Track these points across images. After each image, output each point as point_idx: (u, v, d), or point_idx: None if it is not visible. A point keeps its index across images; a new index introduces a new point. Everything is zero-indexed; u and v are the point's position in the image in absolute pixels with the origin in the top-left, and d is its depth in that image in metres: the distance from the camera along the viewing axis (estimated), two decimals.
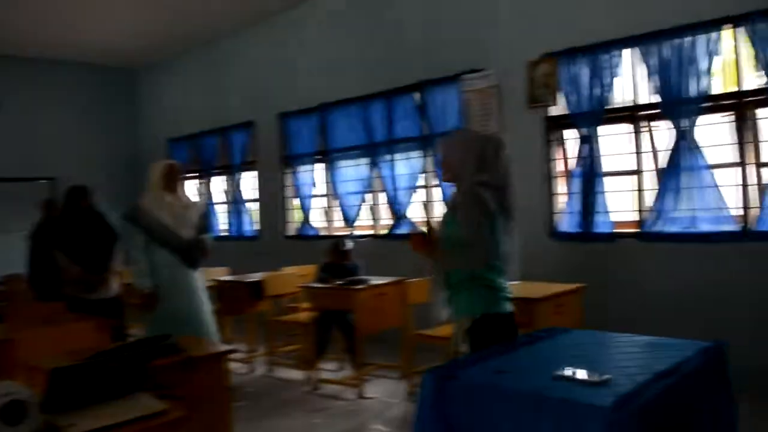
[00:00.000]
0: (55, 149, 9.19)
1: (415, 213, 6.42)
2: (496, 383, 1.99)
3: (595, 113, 4.99)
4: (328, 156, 7.12)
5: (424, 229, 2.85)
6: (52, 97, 9.30)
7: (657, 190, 4.76)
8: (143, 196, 4.45)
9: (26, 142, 8.93)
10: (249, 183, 8.35)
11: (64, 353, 2.83)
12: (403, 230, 6.37)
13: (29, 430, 1.73)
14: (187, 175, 8.53)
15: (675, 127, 4.61)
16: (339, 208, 7.09)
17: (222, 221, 8.76)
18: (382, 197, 6.68)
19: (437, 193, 6.17)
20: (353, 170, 6.94)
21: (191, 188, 8.98)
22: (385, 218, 6.74)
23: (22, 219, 7.17)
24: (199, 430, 2.12)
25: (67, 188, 5.04)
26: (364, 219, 6.94)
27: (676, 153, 4.60)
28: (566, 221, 5.23)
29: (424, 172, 6.25)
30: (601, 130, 5.05)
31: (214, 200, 8.85)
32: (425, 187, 6.31)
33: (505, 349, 2.41)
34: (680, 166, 4.59)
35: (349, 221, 6.94)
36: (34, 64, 9.12)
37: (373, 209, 6.86)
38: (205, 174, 8.91)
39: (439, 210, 6.20)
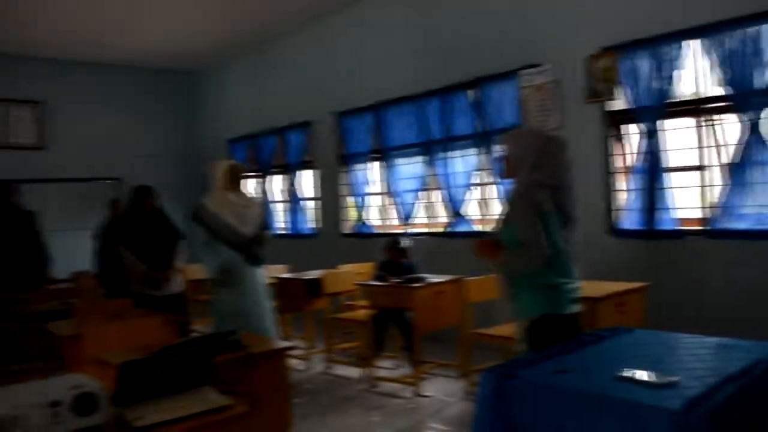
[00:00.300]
0: (120, 150, 9.52)
1: (472, 210, 6.38)
2: (558, 383, 1.96)
3: (657, 107, 4.85)
4: (385, 154, 7.14)
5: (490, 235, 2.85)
6: (118, 100, 9.63)
7: (724, 186, 4.59)
8: (206, 195, 4.60)
9: (93, 143, 9.28)
10: (306, 181, 8.46)
11: (132, 348, 2.93)
12: (460, 228, 6.34)
13: (99, 421, 1.78)
14: (247, 174, 8.70)
15: (743, 120, 4.43)
16: (395, 206, 7.10)
17: (280, 220, 8.89)
18: (439, 195, 6.65)
19: (494, 191, 6.11)
20: (409, 168, 6.93)
21: (250, 187, 9.15)
22: (442, 216, 6.72)
23: (91, 218, 7.47)
24: (260, 425, 2.16)
25: (131, 188, 5.20)
26: (420, 217, 6.94)
27: (744, 147, 4.42)
28: (628, 218, 5.10)
29: (480, 169, 6.20)
30: (664, 124, 4.90)
31: (273, 199, 8.99)
32: (482, 184, 6.26)
33: (566, 348, 2.37)
34: (749, 161, 4.41)
35: (405, 219, 6.94)
36: (100, 68, 9.47)
37: (430, 207, 6.84)
38: (263, 173, 9.05)
39: (496, 208, 6.15)
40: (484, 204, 6.27)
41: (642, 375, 1.91)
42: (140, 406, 1.91)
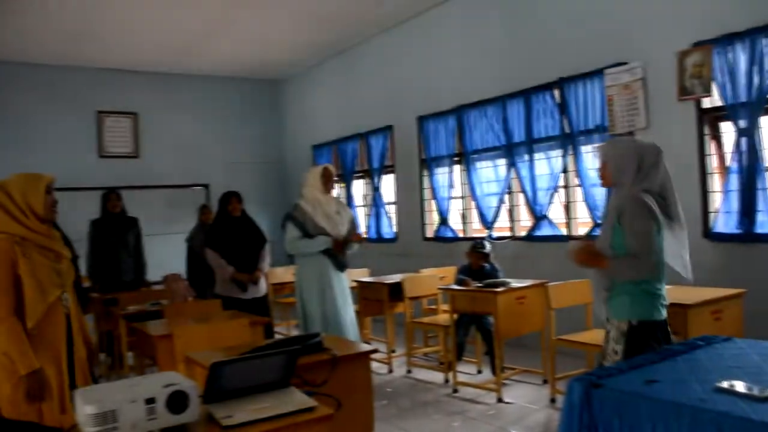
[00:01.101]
0: (209, 158, 9.90)
1: (555, 214, 6.23)
2: (649, 393, 1.89)
3: (755, 103, 4.58)
4: (466, 157, 7.09)
5: (586, 242, 2.93)
6: (206, 110, 10.03)
7: None
8: (301, 197, 4.78)
9: (183, 151, 9.70)
10: (388, 186, 8.51)
11: (220, 348, 3.03)
12: (543, 232, 6.21)
13: (191, 419, 1.84)
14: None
15: None
16: (477, 210, 7.03)
17: (362, 224, 8.98)
18: (521, 198, 6.54)
19: (578, 194, 5.94)
20: (491, 171, 6.85)
21: (334, 192, 9.27)
22: (525, 219, 6.60)
23: (182, 222, 7.82)
24: (343, 427, 2.18)
25: (220, 194, 5.38)
26: (502, 220, 6.83)
27: None
28: (723, 221, 4.84)
29: (564, 171, 6.05)
30: (762, 121, 4.63)
31: (355, 203, 9.09)
32: (566, 187, 6.10)
33: (658, 357, 2.29)
34: None
35: (487, 223, 6.86)
36: (190, 79, 9.90)
37: (512, 210, 6.74)
38: (346, 178, 9.18)
39: (580, 211, 5.99)
40: (569, 207, 6.11)
41: (740, 387, 1.82)
42: (228, 405, 1.97)
